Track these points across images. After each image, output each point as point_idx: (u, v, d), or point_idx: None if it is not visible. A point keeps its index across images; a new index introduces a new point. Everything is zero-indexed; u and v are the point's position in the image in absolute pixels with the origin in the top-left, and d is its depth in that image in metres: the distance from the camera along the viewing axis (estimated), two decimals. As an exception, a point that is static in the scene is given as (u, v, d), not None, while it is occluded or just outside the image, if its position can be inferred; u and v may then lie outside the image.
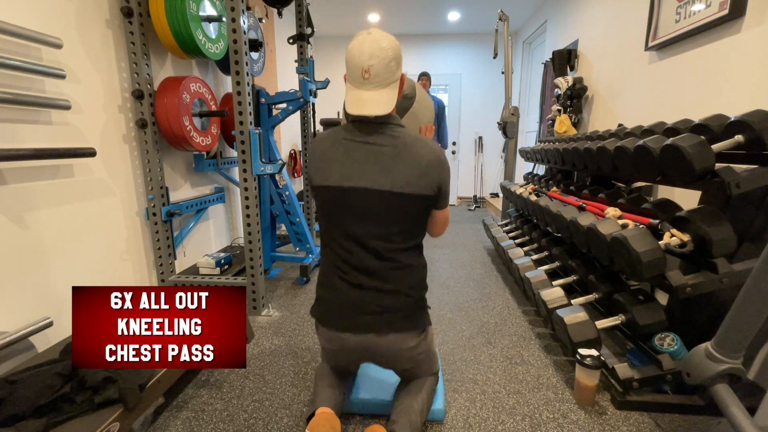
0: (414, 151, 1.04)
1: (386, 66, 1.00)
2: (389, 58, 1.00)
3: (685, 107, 2.03)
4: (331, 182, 1.06)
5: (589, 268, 1.86)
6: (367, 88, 1.01)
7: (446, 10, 4.77)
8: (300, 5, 2.86)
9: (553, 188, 2.54)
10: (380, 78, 1.00)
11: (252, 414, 1.41)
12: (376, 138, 1.05)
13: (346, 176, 1.04)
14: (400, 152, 1.04)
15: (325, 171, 1.07)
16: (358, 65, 1.00)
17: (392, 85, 1.04)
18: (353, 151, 1.05)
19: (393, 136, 1.05)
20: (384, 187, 1.02)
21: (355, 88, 1.03)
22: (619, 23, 2.78)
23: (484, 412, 1.41)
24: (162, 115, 2.07)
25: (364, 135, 1.06)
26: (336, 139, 1.09)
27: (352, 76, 1.03)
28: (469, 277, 2.80)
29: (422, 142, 1.07)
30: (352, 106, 1.03)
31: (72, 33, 1.69)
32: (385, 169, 1.03)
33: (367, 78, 1.00)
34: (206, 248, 2.78)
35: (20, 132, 1.48)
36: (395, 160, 1.03)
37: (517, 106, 4.62)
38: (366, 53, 0.98)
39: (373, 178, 1.03)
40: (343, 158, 1.06)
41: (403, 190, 1.03)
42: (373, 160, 1.04)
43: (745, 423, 0.96)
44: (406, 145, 1.04)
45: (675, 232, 1.26)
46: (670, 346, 1.34)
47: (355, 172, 1.04)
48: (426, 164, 1.04)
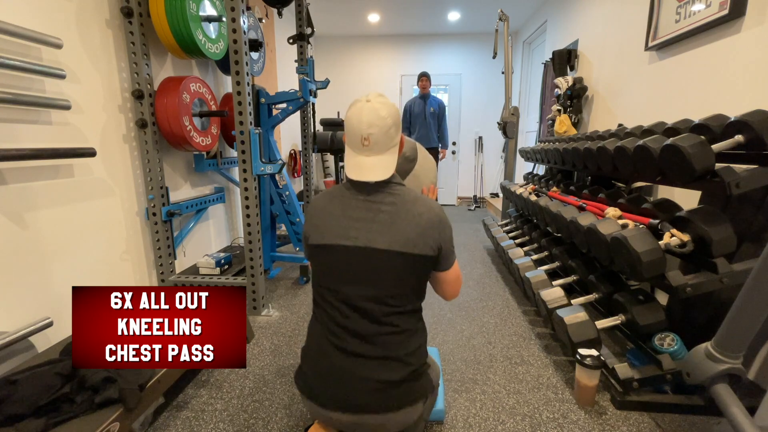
0: (414, 210, 1.01)
1: (385, 133, 1.00)
2: (388, 126, 1.00)
3: (685, 107, 2.03)
4: (327, 241, 1.03)
5: (589, 268, 1.86)
6: (366, 154, 1.02)
7: (446, 10, 4.77)
8: (300, 5, 2.86)
9: (553, 188, 2.54)
10: (380, 145, 1.01)
11: (252, 414, 1.41)
12: (376, 197, 1.03)
13: (343, 235, 1.01)
14: (399, 210, 1.01)
15: (321, 228, 1.05)
16: (357, 133, 1.00)
17: (392, 149, 1.04)
18: (351, 209, 1.03)
19: (393, 194, 1.03)
20: (382, 246, 0.99)
21: (354, 154, 1.03)
22: (619, 23, 2.78)
23: (484, 412, 1.41)
24: (162, 115, 2.07)
25: (363, 194, 1.04)
26: (334, 196, 1.08)
27: (351, 142, 1.03)
28: (469, 277, 2.80)
29: (422, 200, 1.05)
30: (353, 172, 1.03)
31: (72, 33, 1.69)
32: (383, 228, 1.00)
33: (366, 145, 1.00)
34: (206, 248, 2.78)
35: (20, 132, 1.48)
36: (394, 218, 1.00)
37: (517, 106, 4.62)
38: (365, 123, 0.99)
39: (371, 236, 0.99)
40: (340, 216, 1.03)
41: (402, 249, 0.99)
42: (372, 219, 1.01)
43: (745, 423, 0.96)
44: (405, 203, 1.02)
45: (675, 232, 1.26)
46: (670, 346, 1.34)
47: (352, 230, 1.01)
48: (426, 223, 1.01)
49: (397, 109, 1.05)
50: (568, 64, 3.49)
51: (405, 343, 1.03)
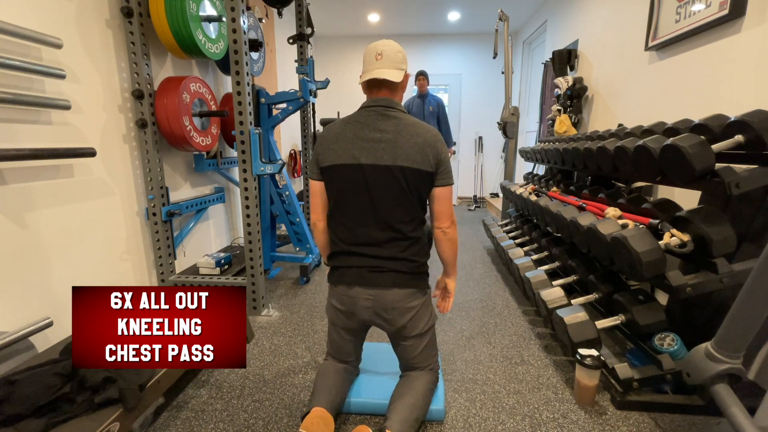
0: (413, 131, 1.19)
1: (395, 54, 1.21)
2: (397, 50, 1.22)
3: (685, 107, 2.03)
4: (342, 160, 1.19)
5: (589, 268, 1.86)
6: (378, 66, 1.20)
7: (446, 10, 4.77)
8: (300, 5, 2.86)
9: (553, 188, 2.54)
10: (390, 60, 1.20)
11: (252, 414, 1.41)
12: (381, 120, 1.20)
13: (354, 155, 1.18)
14: (401, 131, 1.18)
15: (337, 151, 1.21)
16: (372, 52, 1.21)
17: (400, 69, 1.22)
18: (361, 133, 1.19)
19: (396, 119, 1.20)
20: (388, 162, 1.16)
21: (369, 67, 1.22)
22: (619, 23, 2.78)
23: (484, 412, 1.41)
24: (162, 115, 2.06)
25: (370, 118, 1.21)
26: (347, 122, 1.24)
27: (367, 63, 1.23)
28: (469, 277, 2.80)
29: (420, 124, 1.22)
30: (366, 75, 1.22)
31: (72, 33, 1.69)
32: (388, 147, 1.17)
33: (379, 59, 1.20)
34: (206, 248, 2.78)
35: (20, 132, 1.48)
36: (397, 138, 1.17)
37: (517, 106, 4.62)
38: (379, 45, 1.22)
39: (378, 155, 1.17)
40: (353, 138, 1.20)
41: (404, 164, 1.16)
42: (378, 139, 1.18)
43: (745, 423, 0.96)
44: (407, 126, 1.19)
45: (675, 232, 1.25)
46: (670, 346, 1.34)
47: (364, 150, 1.18)
48: (422, 141, 1.17)
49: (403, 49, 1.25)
50: (568, 64, 3.49)
51: (411, 246, 1.24)
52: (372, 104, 1.23)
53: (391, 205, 1.19)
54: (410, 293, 1.24)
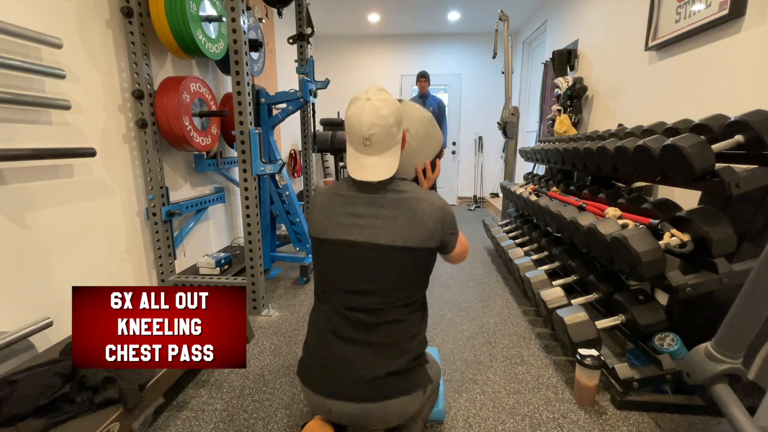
0: (417, 207, 1.02)
1: (387, 133, 0.99)
2: (390, 125, 0.99)
3: (685, 107, 2.03)
4: (329, 235, 1.04)
5: (589, 268, 1.86)
6: (368, 153, 1.01)
7: (446, 10, 4.77)
8: (300, 5, 2.86)
9: (553, 188, 2.54)
10: (381, 144, 1.00)
11: (252, 414, 1.41)
12: (378, 194, 1.03)
13: (345, 231, 1.02)
14: (402, 207, 1.02)
15: (322, 224, 1.06)
16: (358, 134, 0.99)
17: (394, 148, 1.03)
18: (354, 206, 1.03)
19: (396, 191, 1.03)
20: (386, 242, 1.00)
21: (356, 153, 1.03)
22: (619, 23, 2.78)
23: (484, 412, 1.41)
24: (162, 115, 2.06)
25: (366, 191, 1.04)
26: (335, 192, 1.08)
27: (352, 141, 1.03)
28: (469, 277, 2.80)
29: (424, 196, 1.05)
30: (355, 172, 1.03)
31: (72, 33, 1.69)
32: (387, 224, 1.01)
33: (368, 145, 0.99)
34: (206, 248, 2.78)
35: (20, 132, 1.48)
36: (398, 214, 1.01)
37: (517, 106, 4.62)
38: (366, 123, 0.97)
39: (374, 232, 1.00)
40: (343, 212, 1.04)
41: (406, 244, 1.00)
42: (375, 214, 1.02)
43: (745, 423, 0.96)
44: (408, 200, 1.02)
45: (675, 232, 1.25)
46: (670, 346, 1.34)
47: (355, 226, 1.02)
48: (428, 219, 1.02)
49: (398, 105, 1.03)
50: (568, 64, 3.49)
51: (404, 332, 1.04)
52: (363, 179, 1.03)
53: (386, 288, 1.01)
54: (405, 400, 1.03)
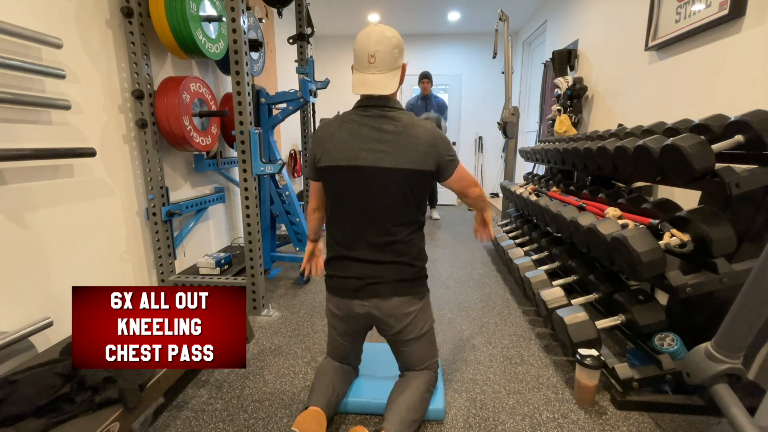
0: (414, 132, 1.14)
1: (390, 52, 1.12)
2: (393, 46, 1.12)
3: (685, 107, 2.03)
4: (340, 162, 1.15)
5: (589, 268, 1.86)
6: (371, 71, 1.13)
7: (446, 10, 4.77)
8: (300, 5, 2.86)
9: (553, 188, 2.54)
10: (384, 63, 1.12)
11: (252, 414, 1.41)
12: (379, 121, 1.15)
13: (353, 156, 1.13)
14: (401, 133, 1.14)
15: (333, 152, 1.16)
16: (364, 51, 1.11)
17: (395, 70, 1.15)
18: (359, 134, 1.15)
19: (394, 119, 1.15)
20: (389, 165, 1.12)
21: (360, 73, 1.15)
22: (619, 23, 2.78)
23: (484, 412, 1.41)
24: (162, 115, 2.06)
25: (368, 119, 1.16)
26: (343, 121, 1.19)
27: (358, 61, 1.15)
28: (469, 277, 2.80)
29: (420, 124, 1.18)
30: (358, 87, 1.15)
31: (72, 33, 1.69)
32: (389, 149, 1.13)
33: (372, 62, 1.11)
34: (206, 248, 2.78)
35: (20, 132, 1.48)
36: (397, 140, 1.13)
37: (517, 106, 4.62)
38: (372, 40, 1.10)
39: (378, 157, 1.12)
40: (350, 140, 1.15)
41: (406, 166, 1.12)
42: (378, 139, 1.13)
43: (745, 423, 0.96)
44: (406, 127, 1.15)
45: (675, 232, 1.25)
46: (670, 346, 1.34)
47: (361, 152, 1.13)
48: (424, 143, 1.14)
49: (400, 37, 1.16)
50: (568, 64, 3.49)
51: (411, 249, 1.21)
52: (367, 104, 1.18)
53: (391, 208, 1.16)
54: (409, 299, 1.22)
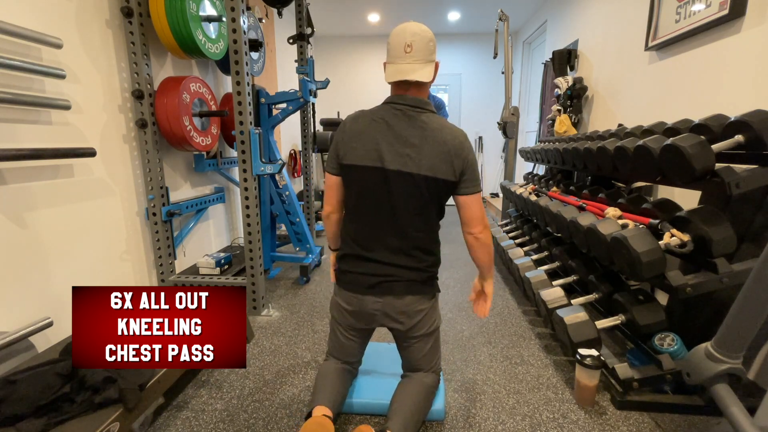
0: (440, 137, 1.11)
1: (426, 44, 1.10)
2: (428, 38, 1.11)
3: (685, 107, 2.03)
4: (366, 162, 1.13)
5: (589, 268, 1.86)
6: (407, 61, 1.10)
7: (446, 10, 4.77)
8: (300, 5, 2.86)
9: (553, 188, 2.54)
10: (421, 53, 1.10)
11: (252, 414, 1.41)
12: (410, 123, 1.13)
13: (379, 158, 1.12)
14: (427, 137, 1.11)
15: (359, 150, 1.14)
16: (401, 41, 1.10)
17: (430, 63, 1.12)
18: (387, 135, 1.13)
19: (423, 123, 1.13)
20: (412, 170, 1.10)
21: (395, 64, 1.12)
22: (619, 23, 2.78)
23: (484, 412, 1.41)
24: (162, 115, 2.06)
25: (397, 119, 1.13)
26: (373, 119, 1.16)
27: (394, 52, 1.12)
28: (469, 277, 2.80)
29: (448, 129, 1.14)
30: (395, 75, 1.12)
31: (72, 33, 1.69)
32: (413, 154, 1.10)
33: (408, 52, 1.09)
34: (206, 248, 2.78)
35: (20, 132, 1.48)
36: (423, 145, 1.11)
37: (517, 106, 4.62)
38: (408, 32, 1.10)
39: (403, 161, 1.11)
40: (378, 140, 1.13)
41: (428, 173, 1.10)
42: (404, 143, 1.11)
43: (745, 423, 0.96)
44: (433, 131, 1.12)
45: (675, 232, 1.25)
46: (670, 346, 1.34)
47: (387, 155, 1.11)
48: (449, 149, 1.11)
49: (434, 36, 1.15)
50: (568, 64, 3.49)
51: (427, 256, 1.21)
52: (399, 102, 1.14)
53: (411, 213, 1.15)
54: (420, 298, 1.22)
